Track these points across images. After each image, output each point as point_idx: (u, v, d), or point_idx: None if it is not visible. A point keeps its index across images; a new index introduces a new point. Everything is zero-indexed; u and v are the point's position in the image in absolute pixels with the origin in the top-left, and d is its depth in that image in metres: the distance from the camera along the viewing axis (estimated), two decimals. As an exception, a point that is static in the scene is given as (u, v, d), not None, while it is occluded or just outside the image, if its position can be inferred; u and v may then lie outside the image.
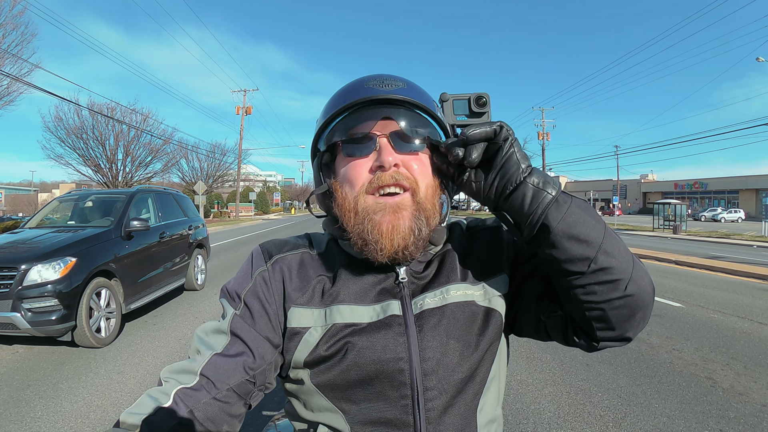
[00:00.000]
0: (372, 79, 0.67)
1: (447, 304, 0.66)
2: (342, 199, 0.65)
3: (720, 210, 41.69)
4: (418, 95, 0.67)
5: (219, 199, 44.54)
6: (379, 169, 0.63)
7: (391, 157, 0.62)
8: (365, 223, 0.62)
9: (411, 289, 0.67)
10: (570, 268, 0.58)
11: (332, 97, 0.70)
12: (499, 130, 0.58)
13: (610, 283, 0.58)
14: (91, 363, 3.71)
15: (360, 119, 0.65)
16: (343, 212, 0.65)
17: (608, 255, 0.57)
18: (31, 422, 2.71)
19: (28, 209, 35.57)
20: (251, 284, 0.66)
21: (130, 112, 22.68)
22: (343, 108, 0.66)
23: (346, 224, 0.64)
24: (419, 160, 0.65)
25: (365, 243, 0.62)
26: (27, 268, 3.79)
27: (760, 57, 19.84)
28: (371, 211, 0.62)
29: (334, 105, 0.68)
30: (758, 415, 2.83)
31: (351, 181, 0.64)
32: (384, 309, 0.65)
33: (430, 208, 0.65)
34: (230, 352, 0.62)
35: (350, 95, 0.66)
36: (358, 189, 0.64)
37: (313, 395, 0.65)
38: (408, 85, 0.67)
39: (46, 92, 16.03)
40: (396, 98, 0.65)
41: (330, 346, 0.63)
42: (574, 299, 0.60)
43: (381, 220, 0.61)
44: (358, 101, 0.65)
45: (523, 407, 2.92)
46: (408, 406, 0.62)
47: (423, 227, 0.63)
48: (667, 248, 13.95)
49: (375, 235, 0.61)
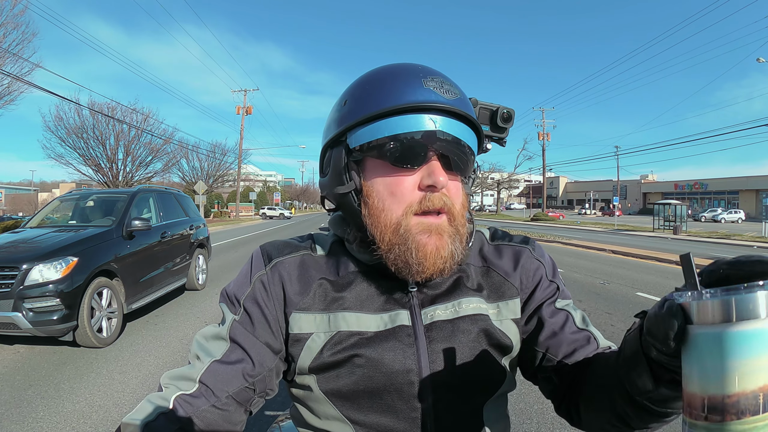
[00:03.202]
0: (429, 76, 0.60)
1: (459, 317, 0.63)
2: (378, 209, 0.60)
3: (720, 210, 41.74)
4: (470, 109, 0.62)
5: (219, 199, 44.56)
6: (428, 188, 0.58)
7: (443, 178, 0.57)
8: (408, 243, 0.57)
9: (420, 299, 0.64)
10: (653, 411, 0.48)
11: (374, 81, 0.62)
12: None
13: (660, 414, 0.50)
14: (92, 363, 3.70)
15: (416, 125, 0.57)
16: (377, 223, 0.60)
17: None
18: (33, 422, 2.70)
19: (28, 209, 35.58)
20: (250, 289, 0.64)
21: (131, 112, 22.66)
22: (397, 110, 0.58)
23: (379, 237, 0.60)
24: (457, 181, 0.62)
25: (406, 264, 0.58)
26: (28, 268, 3.78)
27: (761, 58, 19.85)
28: (414, 231, 0.58)
29: (380, 98, 0.59)
30: (761, 415, 2.82)
31: (396, 195, 0.59)
32: (392, 318, 0.62)
33: (462, 231, 0.62)
34: (229, 359, 0.60)
35: (405, 92, 0.58)
36: (405, 208, 0.58)
37: (321, 403, 0.63)
38: (462, 95, 0.61)
39: (47, 92, 16.04)
40: (456, 111, 0.59)
41: (335, 353, 0.61)
42: (598, 410, 0.55)
43: (426, 242, 0.58)
44: (416, 105, 0.57)
45: (526, 407, 2.92)
46: (417, 419, 0.61)
47: (458, 251, 0.60)
48: (667, 249, 13.94)
49: (419, 257, 0.57)
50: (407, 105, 0.57)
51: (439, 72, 0.62)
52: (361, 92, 0.62)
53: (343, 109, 0.63)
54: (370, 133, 0.59)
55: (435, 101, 0.58)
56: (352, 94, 0.63)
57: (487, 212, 64.13)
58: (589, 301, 6.22)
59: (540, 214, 41.79)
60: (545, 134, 43.88)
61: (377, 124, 0.59)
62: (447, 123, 0.58)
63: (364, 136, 0.60)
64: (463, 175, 0.63)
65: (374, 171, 0.61)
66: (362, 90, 0.62)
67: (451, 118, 0.59)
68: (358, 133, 0.60)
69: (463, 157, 0.60)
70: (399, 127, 0.57)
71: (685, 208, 24.24)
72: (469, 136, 0.61)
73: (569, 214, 56.50)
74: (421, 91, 0.58)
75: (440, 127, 0.58)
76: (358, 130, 0.60)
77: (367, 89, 0.61)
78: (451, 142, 0.59)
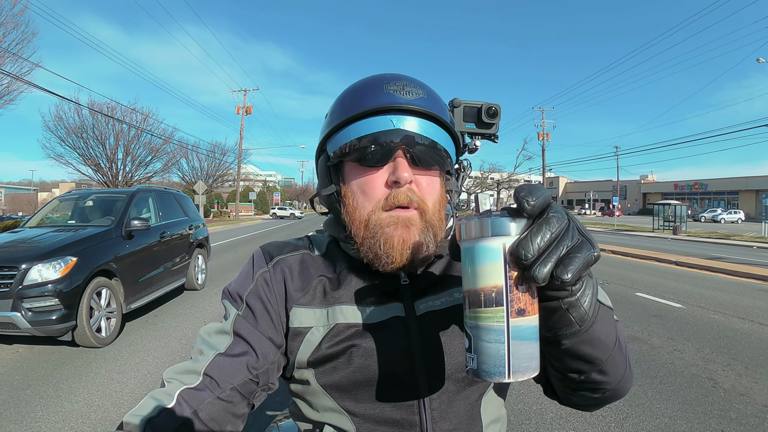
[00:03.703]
0: (391, 81, 0.64)
1: (451, 307, 0.66)
2: (353, 208, 0.64)
3: (720, 211, 41.74)
4: (437, 107, 0.65)
5: (219, 199, 44.55)
6: (394, 184, 0.62)
7: (407, 173, 0.61)
8: (377, 236, 0.61)
9: (413, 292, 0.67)
10: (560, 371, 0.56)
11: (346, 94, 0.67)
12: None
13: (592, 389, 0.58)
14: (91, 363, 3.70)
15: (376, 126, 0.62)
16: (352, 220, 0.64)
17: (603, 373, 0.55)
18: (32, 422, 2.70)
19: (27, 208, 35.54)
20: (253, 285, 0.66)
21: (130, 112, 22.70)
22: (360, 114, 0.63)
23: (354, 233, 0.64)
24: (429, 176, 0.65)
25: (376, 256, 0.61)
26: (27, 268, 3.78)
27: (761, 58, 19.87)
28: (383, 224, 0.61)
29: (348, 107, 0.64)
30: (759, 415, 2.83)
31: (365, 193, 0.63)
32: (387, 310, 0.65)
33: (438, 224, 0.64)
34: (233, 351, 0.62)
35: (367, 99, 0.63)
36: (374, 204, 0.62)
37: (319, 396, 0.65)
38: (428, 94, 0.65)
39: (47, 91, 16.03)
40: (417, 110, 0.62)
41: (332, 345, 0.63)
42: (552, 376, 0.61)
43: (393, 234, 0.61)
44: (376, 108, 0.62)
45: (525, 407, 2.92)
46: (414, 406, 0.62)
47: (431, 243, 0.63)
48: (667, 249, 13.95)
49: (386, 249, 0.61)
50: (368, 109, 0.62)
51: (405, 76, 0.66)
52: (337, 105, 0.68)
53: (324, 122, 0.70)
54: (341, 138, 0.65)
55: (392, 102, 0.62)
56: (332, 107, 0.69)
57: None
58: (588, 302, 6.21)
59: (540, 214, 41.58)
60: (545, 134, 43.88)
61: (345, 130, 0.64)
62: (408, 121, 0.62)
63: (337, 141, 0.65)
64: (441, 169, 0.66)
65: (349, 173, 0.65)
66: (338, 102, 0.68)
67: (411, 116, 0.62)
68: (333, 140, 0.66)
69: (428, 152, 0.63)
70: (363, 130, 0.62)
71: (685, 209, 24.27)
72: (435, 131, 0.64)
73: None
74: (383, 95, 0.62)
75: (398, 125, 0.61)
76: (333, 137, 0.66)
77: (340, 101, 0.67)
78: (410, 137, 0.62)
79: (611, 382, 0.57)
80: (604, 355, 0.53)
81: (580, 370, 0.55)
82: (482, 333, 0.42)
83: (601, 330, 0.51)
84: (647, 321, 5.18)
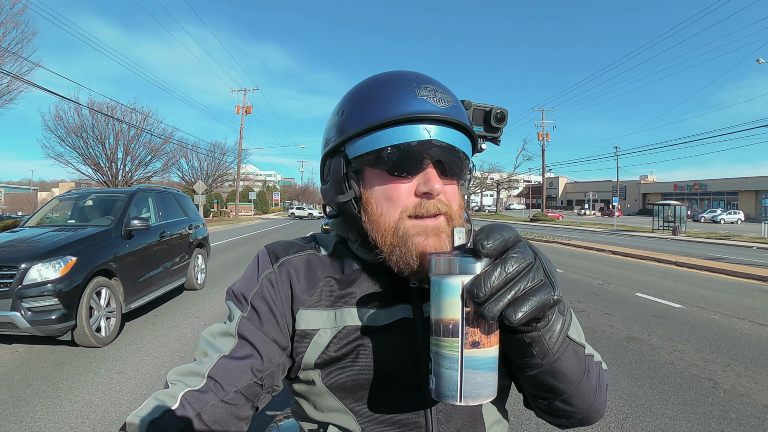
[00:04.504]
0: (422, 85, 0.61)
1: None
2: (377, 215, 0.62)
3: (719, 211, 41.76)
4: (463, 114, 0.64)
5: (219, 199, 44.52)
6: (424, 195, 0.60)
7: (438, 185, 0.59)
8: (408, 245, 0.59)
9: (422, 294, 0.66)
10: (528, 392, 0.62)
11: (369, 91, 0.63)
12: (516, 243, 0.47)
13: (556, 415, 0.63)
14: (91, 362, 3.70)
15: (410, 136, 0.59)
16: (377, 228, 0.62)
17: (567, 404, 0.59)
18: (31, 422, 2.70)
19: (27, 208, 35.48)
20: (258, 286, 0.65)
21: (130, 111, 22.68)
22: (392, 122, 0.59)
23: (379, 241, 0.61)
24: (454, 184, 0.64)
25: (408, 266, 0.59)
26: (27, 267, 3.78)
27: (761, 59, 19.88)
28: (412, 233, 0.60)
29: (375, 109, 0.61)
30: (759, 416, 2.83)
31: (391, 201, 0.61)
32: (395, 312, 0.64)
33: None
34: (238, 354, 0.61)
35: (399, 104, 0.60)
36: (401, 213, 0.60)
37: (324, 396, 0.65)
38: (455, 101, 0.63)
39: (46, 91, 16.04)
40: (449, 120, 0.60)
41: (341, 347, 0.63)
42: (526, 392, 0.65)
43: (425, 243, 0.59)
44: (410, 117, 0.59)
45: (525, 408, 2.91)
46: (419, 408, 0.62)
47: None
48: (666, 249, 13.96)
49: (422, 258, 0.59)
50: (402, 116, 0.59)
51: (433, 79, 0.64)
52: (358, 103, 0.63)
53: (341, 119, 0.65)
54: (367, 145, 0.61)
55: (429, 111, 0.59)
56: (349, 104, 0.65)
57: (487, 212, 64.24)
58: (588, 302, 6.21)
59: (539, 214, 41.83)
60: (545, 135, 43.91)
61: (374, 136, 0.60)
62: (441, 131, 0.60)
63: (362, 147, 0.61)
64: (459, 179, 0.65)
65: (372, 179, 0.63)
66: (358, 100, 0.64)
67: (444, 126, 0.61)
68: (355, 144, 0.62)
69: (457, 162, 0.62)
70: (395, 138, 0.59)
71: (685, 209, 24.28)
72: (463, 141, 0.63)
73: (569, 214, 56.53)
74: (415, 101, 0.60)
75: (434, 136, 0.59)
76: (356, 141, 0.62)
77: (363, 100, 0.63)
78: (445, 149, 0.60)
79: (576, 412, 0.61)
80: (567, 389, 0.57)
81: (544, 396, 0.60)
82: (440, 359, 0.46)
83: (567, 366, 0.55)
84: (647, 321, 5.18)
